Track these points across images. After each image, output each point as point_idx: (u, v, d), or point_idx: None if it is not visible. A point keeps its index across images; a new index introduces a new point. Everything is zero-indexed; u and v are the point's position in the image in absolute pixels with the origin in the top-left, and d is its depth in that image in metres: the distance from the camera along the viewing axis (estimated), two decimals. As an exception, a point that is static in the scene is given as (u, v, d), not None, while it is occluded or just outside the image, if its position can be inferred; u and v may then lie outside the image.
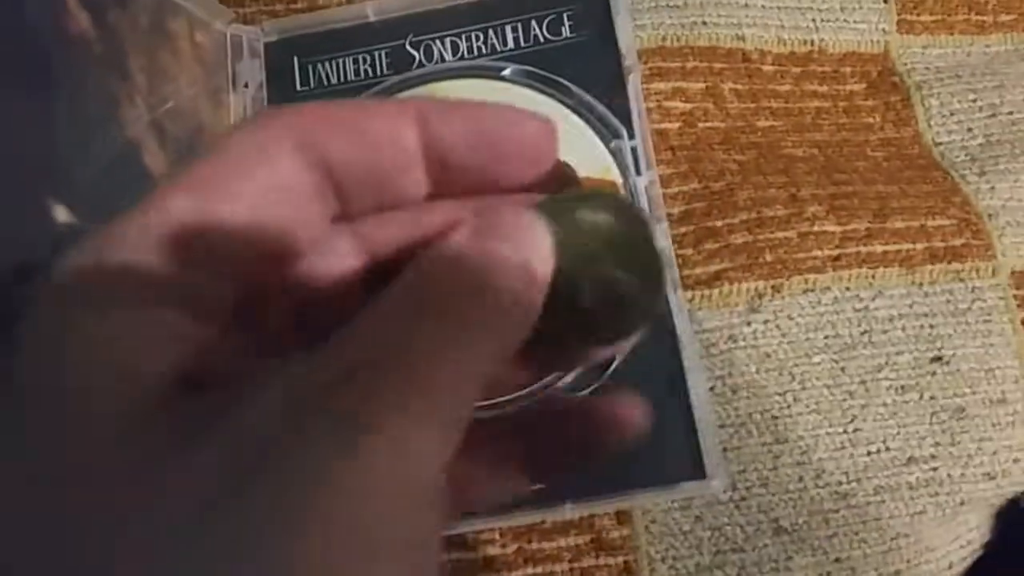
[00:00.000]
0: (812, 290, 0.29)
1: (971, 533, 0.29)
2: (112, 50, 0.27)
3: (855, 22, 0.33)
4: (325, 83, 0.32)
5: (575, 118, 0.30)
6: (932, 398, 0.28)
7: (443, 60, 0.32)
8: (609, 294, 0.15)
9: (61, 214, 0.23)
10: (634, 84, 0.30)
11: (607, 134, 0.29)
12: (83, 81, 0.26)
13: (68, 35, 0.25)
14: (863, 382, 0.28)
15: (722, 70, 0.32)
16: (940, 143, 0.32)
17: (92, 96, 0.26)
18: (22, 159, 0.24)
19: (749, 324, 0.29)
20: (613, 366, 0.27)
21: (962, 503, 0.28)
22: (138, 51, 0.28)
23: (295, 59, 0.32)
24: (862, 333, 0.29)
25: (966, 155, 0.32)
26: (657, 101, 0.32)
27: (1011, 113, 0.32)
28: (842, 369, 0.28)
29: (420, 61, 0.32)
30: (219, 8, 0.32)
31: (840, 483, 0.27)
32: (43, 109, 0.24)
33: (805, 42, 0.33)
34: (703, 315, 0.29)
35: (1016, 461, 0.29)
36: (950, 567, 0.28)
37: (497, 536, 0.28)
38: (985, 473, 0.28)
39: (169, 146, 0.28)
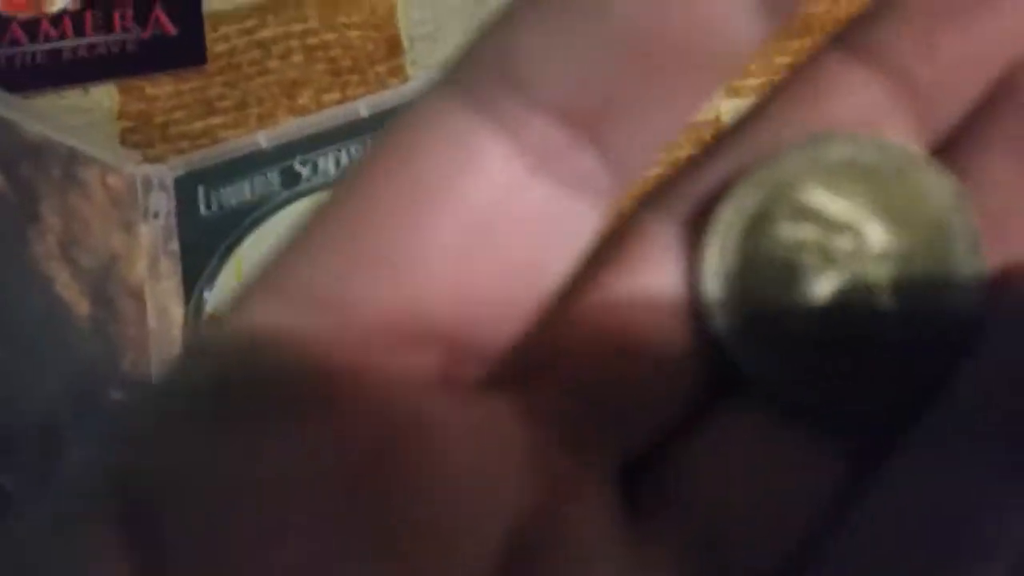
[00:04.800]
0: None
1: None
2: (25, 198, 0.31)
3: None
4: (225, 205, 0.36)
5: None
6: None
7: (328, 174, 0.36)
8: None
9: (-26, 341, 0.27)
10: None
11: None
12: (1, 227, 0.30)
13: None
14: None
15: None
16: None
17: (3, 238, 0.30)
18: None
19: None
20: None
21: None
22: (51, 197, 0.32)
23: (200, 188, 0.37)
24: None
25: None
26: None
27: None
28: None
29: (308, 177, 0.36)
30: (128, 153, 0.36)
31: None
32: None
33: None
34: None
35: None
36: None
37: None
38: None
39: (82, 277, 0.32)
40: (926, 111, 0.12)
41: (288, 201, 0.36)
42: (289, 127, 0.37)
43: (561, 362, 0.11)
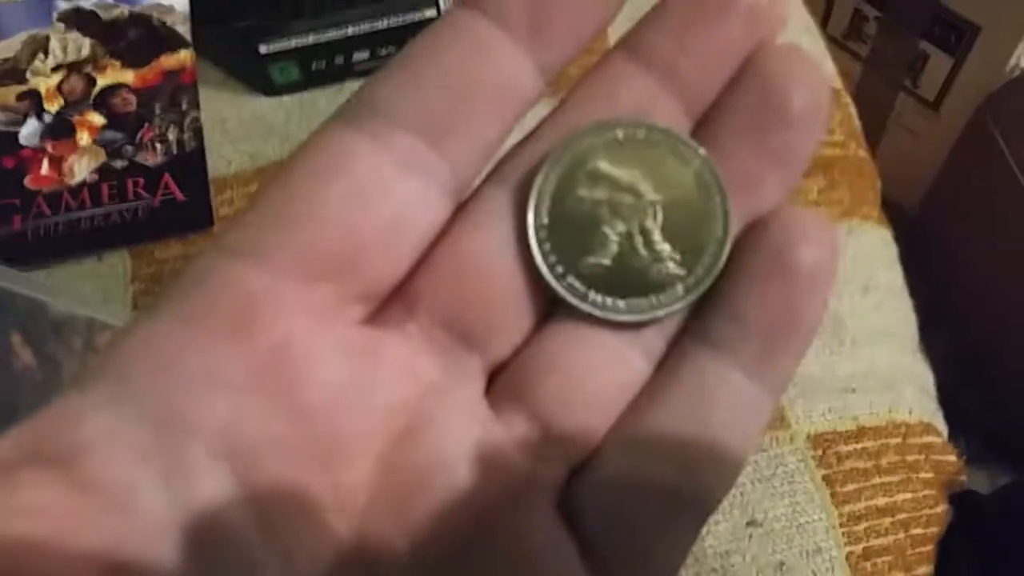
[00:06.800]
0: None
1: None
2: (51, 373, 0.34)
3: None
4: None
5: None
6: (754, 558, 0.33)
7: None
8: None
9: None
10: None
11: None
12: (28, 403, 0.33)
13: (14, 371, 0.33)
14: (692, 553, 0.33)
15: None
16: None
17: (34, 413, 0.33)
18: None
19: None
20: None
21: (796, 647, 0.32)
22: (73, 368, 0.35)
23: (209, 345, 0.39)
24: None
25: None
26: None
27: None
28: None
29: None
30: (141, 317, 0.39)
31: (687, 645, 0.32)
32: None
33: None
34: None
35: (840, 601, 0.33)
36: None
37: None
38: (813, 617, 0.33)
39: (101, 441, 0.34)
40: (686, 95, 0.16)
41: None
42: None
43: (429, 298, 0.15)
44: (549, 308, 0.16)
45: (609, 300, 0.15)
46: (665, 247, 0.16)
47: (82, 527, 0.12)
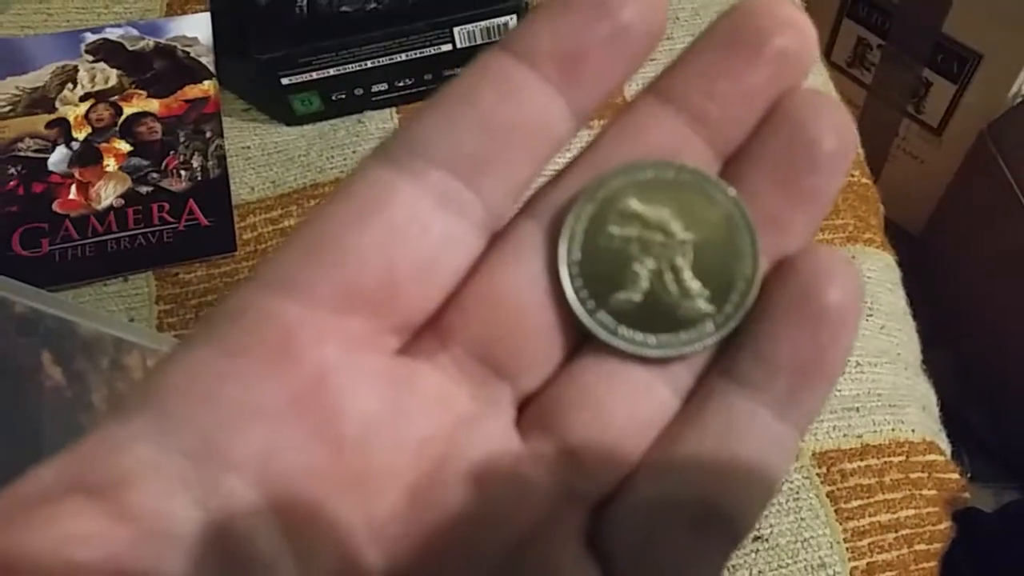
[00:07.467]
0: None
1: None
2: (79, 392, 0.35)
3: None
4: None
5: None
6: (760, 573, 0.34)
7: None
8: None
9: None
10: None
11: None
12: (56, 421, 0.34)
13: (44, 389, 0.34)
14: (700, 567, 0.34)
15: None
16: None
17: (61, 430, 0.34)
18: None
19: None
20: None
21: (803, 660, 0.33)
22: (101, 386, 0.36)
23: (230, 365, 0.41)
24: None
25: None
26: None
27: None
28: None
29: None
30: (163, 336, 0.40)
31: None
32: (26, 445, 0.32)
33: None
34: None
35: (845, 615, 0.34)
36: None
37: None
38: (819, 630, 0.33)
39: (128, 457, 0.36)
40: (715, 137, 0.16)
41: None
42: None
43: (462, 330, 0.15)
44: (579, 341, 0.16)
45: (639, 335, 0.16)
46: (695, 284, 0.16)
47: (123, 556, 0.13)
